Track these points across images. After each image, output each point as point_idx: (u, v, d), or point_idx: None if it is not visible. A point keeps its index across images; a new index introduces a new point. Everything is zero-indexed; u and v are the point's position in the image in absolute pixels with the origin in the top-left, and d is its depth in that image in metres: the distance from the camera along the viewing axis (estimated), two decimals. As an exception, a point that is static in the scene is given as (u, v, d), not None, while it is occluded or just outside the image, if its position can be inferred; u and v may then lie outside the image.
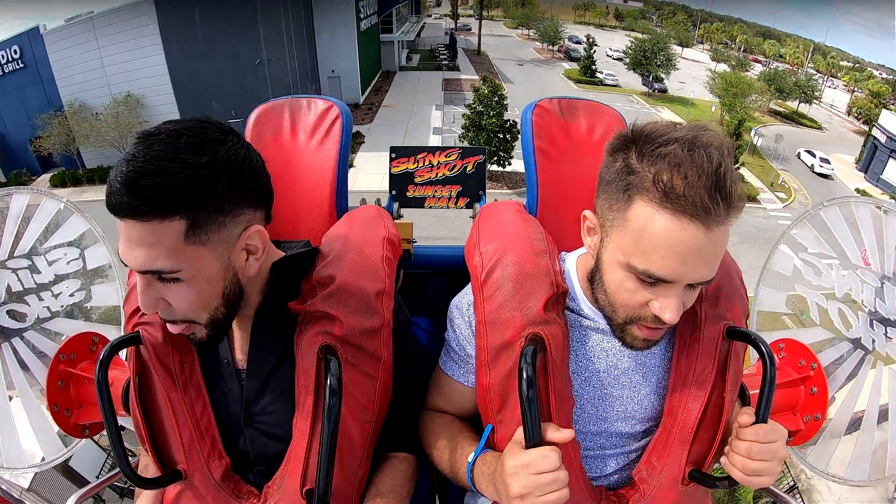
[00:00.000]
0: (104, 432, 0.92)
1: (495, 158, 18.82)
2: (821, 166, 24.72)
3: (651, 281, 0.74)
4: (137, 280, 0.72)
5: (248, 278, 0.81)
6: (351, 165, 19.00)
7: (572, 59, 40.84)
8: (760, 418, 0.79)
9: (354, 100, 27.80)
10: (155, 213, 0.67)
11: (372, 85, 30.97)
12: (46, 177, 19.00)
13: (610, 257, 0.79)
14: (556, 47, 43.84)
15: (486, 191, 1.52)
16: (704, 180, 0.67)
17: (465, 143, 18.02)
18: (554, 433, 0.77)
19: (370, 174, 17.72)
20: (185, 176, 0.67)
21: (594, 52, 35.58)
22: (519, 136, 1.21)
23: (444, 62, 37.97)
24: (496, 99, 18.59)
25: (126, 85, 19.25)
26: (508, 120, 18.77)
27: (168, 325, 0.78)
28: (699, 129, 0.72)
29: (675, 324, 0.77)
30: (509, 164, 19.01)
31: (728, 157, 0.69)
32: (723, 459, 0.86)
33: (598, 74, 35.88)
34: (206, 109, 19.42)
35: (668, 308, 0.75)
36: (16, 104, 19.47)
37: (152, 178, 0.65)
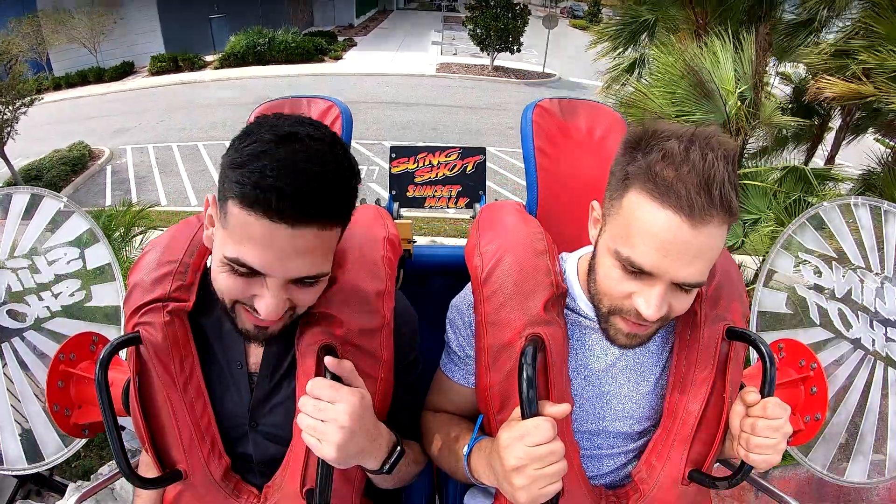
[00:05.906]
0: (104, 432, 0.92)
1: (503, 45, 17.32)
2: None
3: (634, 271, 0.74)
4: (275, 289, 0.69)
5: None
6: (338, 58, 18.44)
7: (576, 18, 40.76)
8: (765, 396, 0.80)
9: (348, 20, 26.33)
10: (337, 221, 0.69)
11: (367, 16, 29.75)
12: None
13: (603, 244, 0.80)
14: (559, 8, 43.62)
15: (497, 79, 1.50)
16: (693, 176, 0.68)
17: (470, 27, 17.36)
18: (550, 408, 0.75)
19: (351, 61, 17.37)
20: (353, 185, 0.70)
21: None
22: (529, 21, 1.19)
23: (445, 3, 38.35)
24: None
25: (103, -17, 17.94)
26: (518, 3, 17.43)
27: (271, 323, 0.74)
28: (706, 131, 0.72)
29: (655, 321, 0.75)
30: (519, 50, 17.65)
31: (725, 161, 0.69)
32: (727, 442, 0.86)
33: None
34: (187, 3, 17.89)
35: (648, 302, 0.74)
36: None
37: (332, 186, 0.65)
